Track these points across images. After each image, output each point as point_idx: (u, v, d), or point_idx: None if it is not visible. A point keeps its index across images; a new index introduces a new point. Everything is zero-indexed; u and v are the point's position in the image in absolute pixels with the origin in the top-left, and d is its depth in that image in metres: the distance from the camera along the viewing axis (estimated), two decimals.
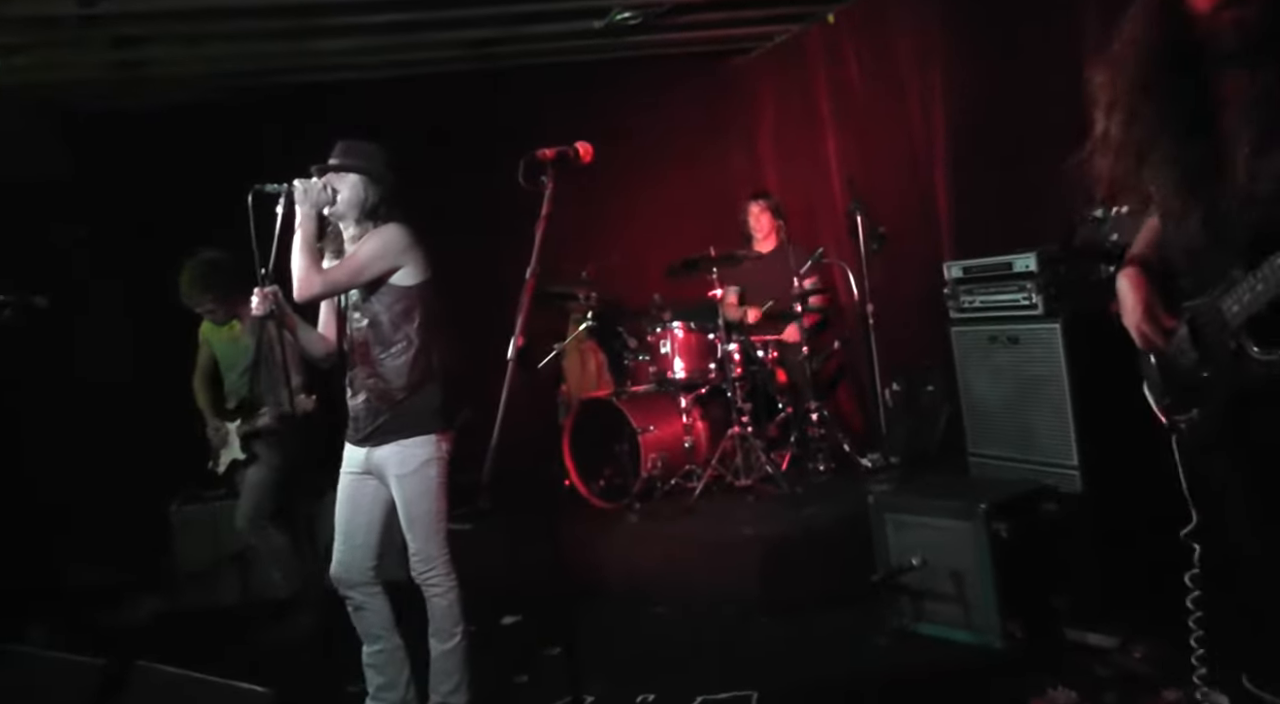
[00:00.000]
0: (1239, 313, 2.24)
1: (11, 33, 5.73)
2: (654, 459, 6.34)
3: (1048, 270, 4.82)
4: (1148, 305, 2.52)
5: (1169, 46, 2.31)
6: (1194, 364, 2.43)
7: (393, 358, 3.80)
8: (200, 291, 5.35)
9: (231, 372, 5.58)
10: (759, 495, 6.14)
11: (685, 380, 6.66)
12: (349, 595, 3.91)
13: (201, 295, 5.36)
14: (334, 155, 3.88)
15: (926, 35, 6.67)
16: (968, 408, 5.26)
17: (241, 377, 5.51)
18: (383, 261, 3.75)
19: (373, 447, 3.84)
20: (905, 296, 6.61)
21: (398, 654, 3.95)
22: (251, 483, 5.46)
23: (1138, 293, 2.53)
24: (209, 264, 5.35)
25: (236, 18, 6.01)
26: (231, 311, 5.45)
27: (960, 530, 4.18)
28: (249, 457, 5.45)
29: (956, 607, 4.19)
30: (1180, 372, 2.49)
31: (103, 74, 6.68)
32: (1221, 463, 2.50)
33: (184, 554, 6.05)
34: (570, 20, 6.91)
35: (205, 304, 5.41)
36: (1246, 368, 2.28)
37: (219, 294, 5.37)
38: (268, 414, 5.28)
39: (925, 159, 6.76)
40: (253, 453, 5.44)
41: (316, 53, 6.90)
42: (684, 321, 6.72)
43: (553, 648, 4.70)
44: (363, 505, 3.91)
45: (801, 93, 8.09)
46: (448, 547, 3.88)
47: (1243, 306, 2.23)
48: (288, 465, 5.42)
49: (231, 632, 5.43)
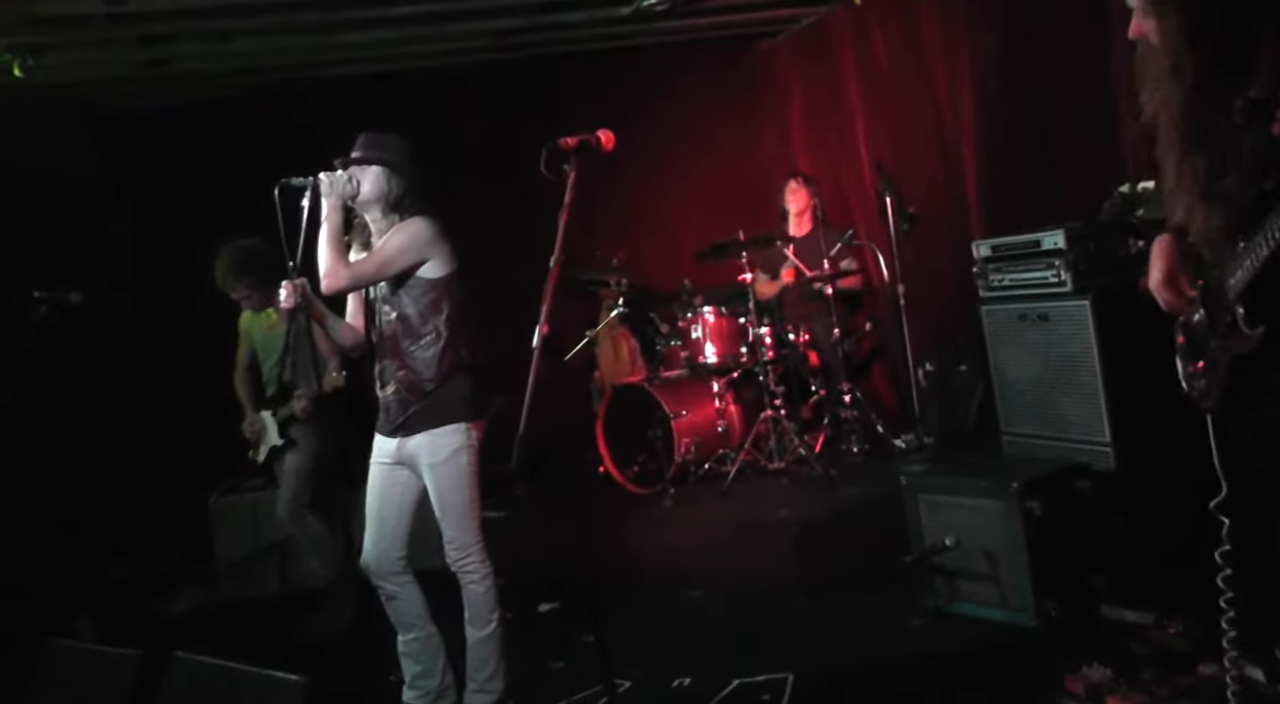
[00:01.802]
0: (1239, 280, 2.27)
1: (41, 32, 5.80)
2: (687, 444, 6.37)
3: (1076, 247, 4.79)
4: (1169, 271, 2.55)
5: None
6: (1205, 332, 2.46)
7: (422, 350, 3.82)
8: (235, 277, 5.40)
9: (269, 360, 5.64)
10: (793, 478, 6.16)
11: (717, 365, 6.68)
12: (381, 585, 3.92)
13: (236, 281, 5.41)
14: (356, 147, 3.89)
15: (953, 15, 6.64)
16: (999, 386, 5.24)
17: (277, 364, 5.57)
18: (409, 254, 3.77)
19: (404, 437, 3.86)
20: (936, 276, 6.60)
21: (432, 642, 3.97)
22: (290, 470, 5.51)
23: (1164, 259, 2.57)
24: (245, 250, 5.40)
25: (262, 13, 6.06)
26: (266, 298, 5.49)
27: (993, 509, 4.16)
28: (286, 442, 5.50)
29: (991, 586, 4.18)
30: (1197, 339, 2.52)
31: (131, 72, 6.76)
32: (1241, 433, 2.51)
33: (223, 545, 6.11)
34: (596, 8, 6.91)
35: (240, 290, 5.45)
36: (1240, 339, 2.31)
37: (253, 280, 5.41)
38: (304, 396, 5.33)
39: (953, 139, 6.74)
40: (290, 439, 5.49)
41: (341, 46, 6.94)
42: (714, 306, 6.74)
43: (589, 634, 4.73)
44: (393, 495, 3.92)
45: (829, 75, 8.06)
46: (482, 534, 3.90)
47: (1244, 271, 2.26)
48: (325, 452, 5.47)
49: (271, 622, 5.49)
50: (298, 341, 5.22)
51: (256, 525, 5.98)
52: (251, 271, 5.39)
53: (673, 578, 5.31)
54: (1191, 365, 2.58)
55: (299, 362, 5.26)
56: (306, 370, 5.28)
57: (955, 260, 6.01)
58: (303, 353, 5.13)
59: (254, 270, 5.39)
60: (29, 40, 5.87)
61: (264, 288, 5.42)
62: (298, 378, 5.37)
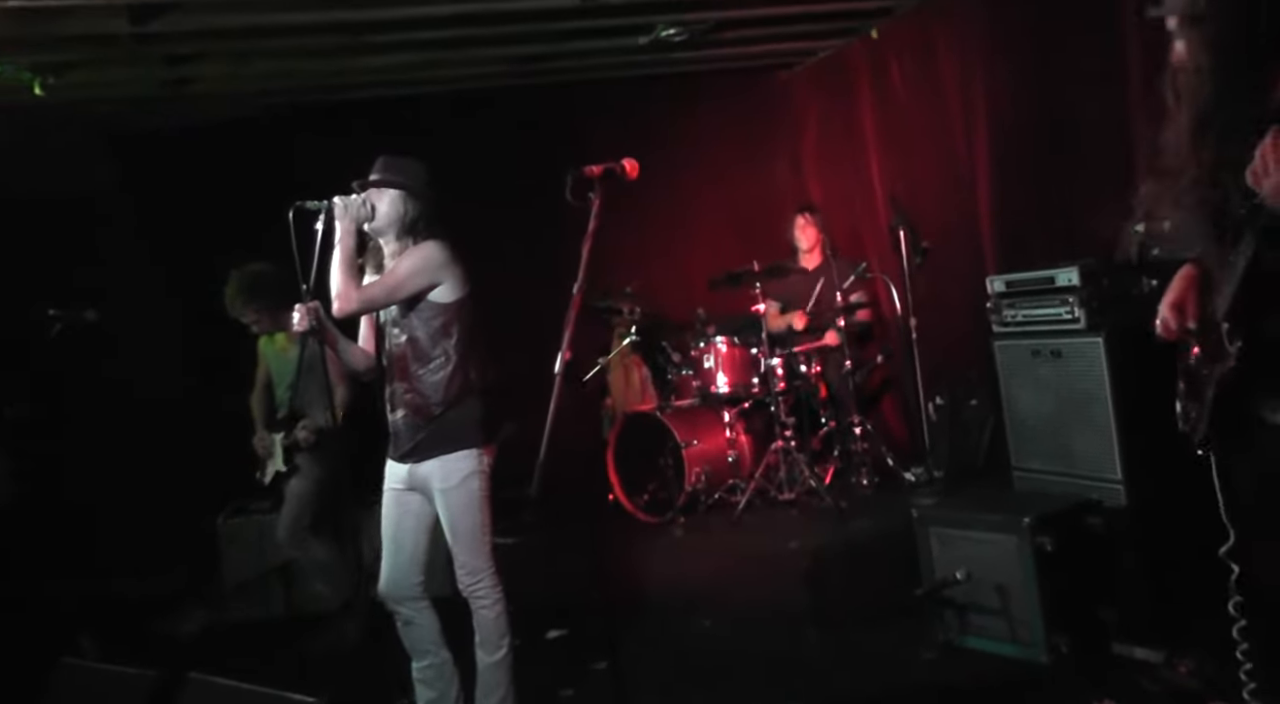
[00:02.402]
0: (1224, 298, 2.31)
1: (66, 50, 5.83)
2: (698, 473, 6.37)
3: (1090, 284, 4.82)
4: (1180, 296, 2.57)
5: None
6: (1199, 363, 2.50)
7: (431, 374, 3.82)
8: (244, 302, 5.42)
9: (281, 383, 5.65)
10: (803, 509, 6.16)
11: (729, 394, 6.70)
12: (397, 610, 3.92)
13: (245, 306, 5.43)
14: (374, 171, 3.90)
15: (969, 51, 6.68)
16: (1011, 422, 5.26)
17: (287, 389, 5.58)
18: (420, 278, 3.78)
19: (415, 463, 3.87)
20: (948, 310, 6.61)
21: (447, 668, 3.97)
22: (292, 494, 5.51)
23: (1180, 284, 2.59)
24: (255, 275, 5.42)
25: (285, 35, 6.10)
26: (276, 322, 5.50)
27: (1005, 544, 4.16)
28: (290, 468, 5.51)
29: (1002, 620, 4.18)
30: (1193, 375, 2.54)
31: (153, 91, 6.78)
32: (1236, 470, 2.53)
33: (230, 566, 6.12)
34: (615, 37, 6.96)
35: (248, 315, 5.47)
36: (1224, 359, 2.34)
37: (262, 305, 5.43)
38: (306, 427, 5.34)
39: (967, 174, 6.77)
40: (294, 464, 5.50)
41: (362, 69, 6.98)
42: (727, 335, 6.76)
43: (599, 662, 4.73)
44: (407, 521, 3.92)
45: (845, 107, 8.11)
46: (493, 559, 3.90)
47: (1228, 288, 2.30)
48: (329, 477, 5.46)
49: (278, 644, 5.48)
50: (310, 367, 5.24)
51: (264, 547, 5.98)
52: (261, 296, 5.41)
53: (682, 606, 5.30)
54: (1187, 405, 2.60)
55: (310, 388, 5.27)
56: (316, 397, 5.29)
57: (968, 295, 6.03)
58: (314, 379, 5.14)
59: (263, 295, 5.40)
60: (52, 59, 5.90)
61: (273, 312, 5.43)
62: (307, 404, 5.38)
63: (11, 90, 6.11)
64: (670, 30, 6.86)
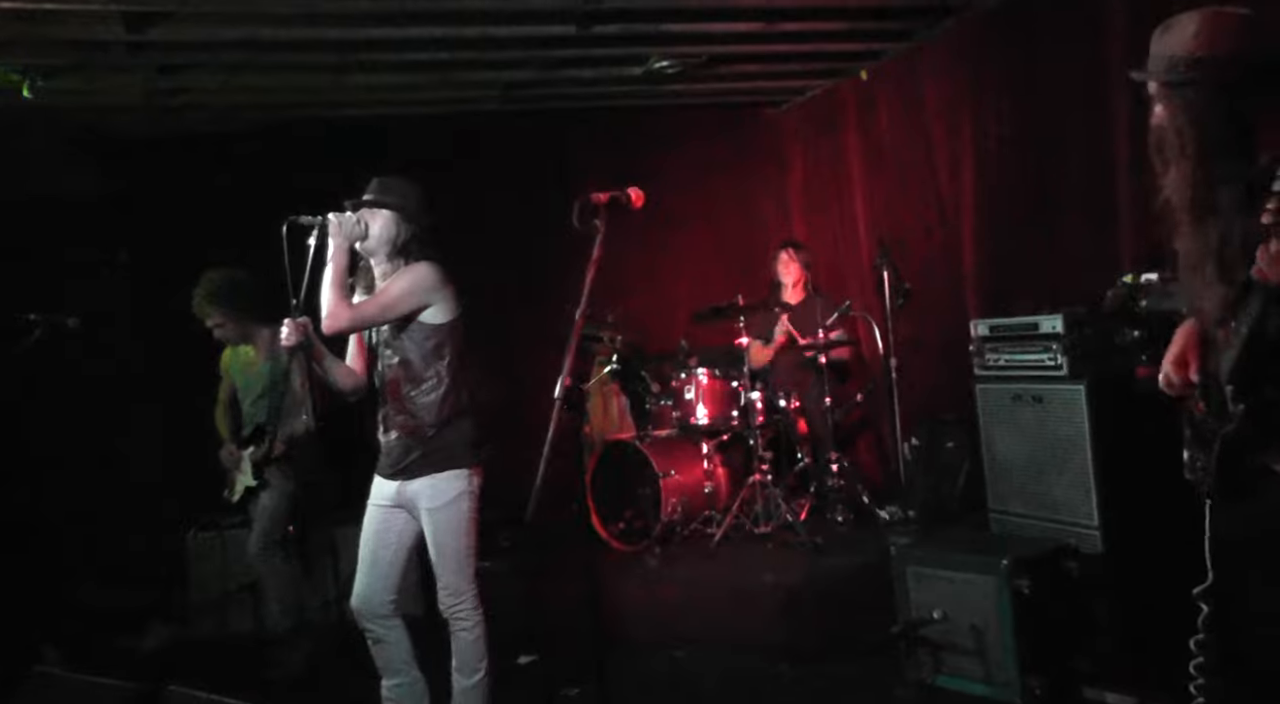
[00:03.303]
0: (1229, 359, 2.37)
1: (58, 55, 5.81)
2: (675, 503, 6.37)
3: (1074, 332, 4.87)
4: (1182, 352, 2.63)
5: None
6: (1205, 418, 2.55)
7: (424, 395, 3.82)
8: (211, 305, 5.30)
9: (247, 398, 5.57)
10: (778, 543, 6.17)
11: (708, 426, 6.71)
12: (368, 628, 3.89)
13: (212, 307, 5.31)
14: (369, 191, 3.91)
15: (957, 96, 6.76)
16: (990, 465, 5.29)
17: (255, 403, 5.50)
18: (412, 299, 3.78)
19: (405, 480, 3.86)
20: (929, 351, 6.66)
21: (417, 688, 3.94)
22: (261, 509, 5.42)
23: (1181, 340, 2.65)
24: (225, 279, 5.32)
25: (278, 50, 6.11)
26: (242, 333, 5.41)
27: (982, 585, 4.18)
28: (260, 483, 5.44)
29: (976, 661, 4.19)
30: (1198, 428, 2.59)
31: (144, 100, 6.76)
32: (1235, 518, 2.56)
33: (198, 581, 6.05)
34: (609, 66, 7.02)
35: (214, 318, 5.34)
36: (1228, 419, 2.40)
37: (229, 311, 5.32)
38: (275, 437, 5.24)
39: (953, 217, 6.84)
40: (264, 479, 5.43)
41: (352, 88, 7.00)
42: (709, 367, 6.78)
43: (570, 689, 4.71)
44: (389, 538, 3.90)
45: (832, 146, 8.18)
46: (476, 582, 3.89)
47: (1232, 351, 2.36)
48: (300, 493, 5.40)
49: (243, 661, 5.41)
50: (277, 383, 5.19)
51: (227, 563, 5.92)
52: (228, 302, 5.30)
53: (656, 636, 5.28)
54: (1194, 453, 2.63)
55: (278, 403, 5.21)
56: (288, 413, 5.24)
57: (949, 337, 6.08)
58: (283, 395, 5.10)
59: (231, 301, 5.30)
60: (43, 62, 5.87)
61: (239, 320, 5.34)
62: (274, 419, 5.30)
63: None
64: (664, 63, 6.92)
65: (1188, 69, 2.40)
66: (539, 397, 7.15)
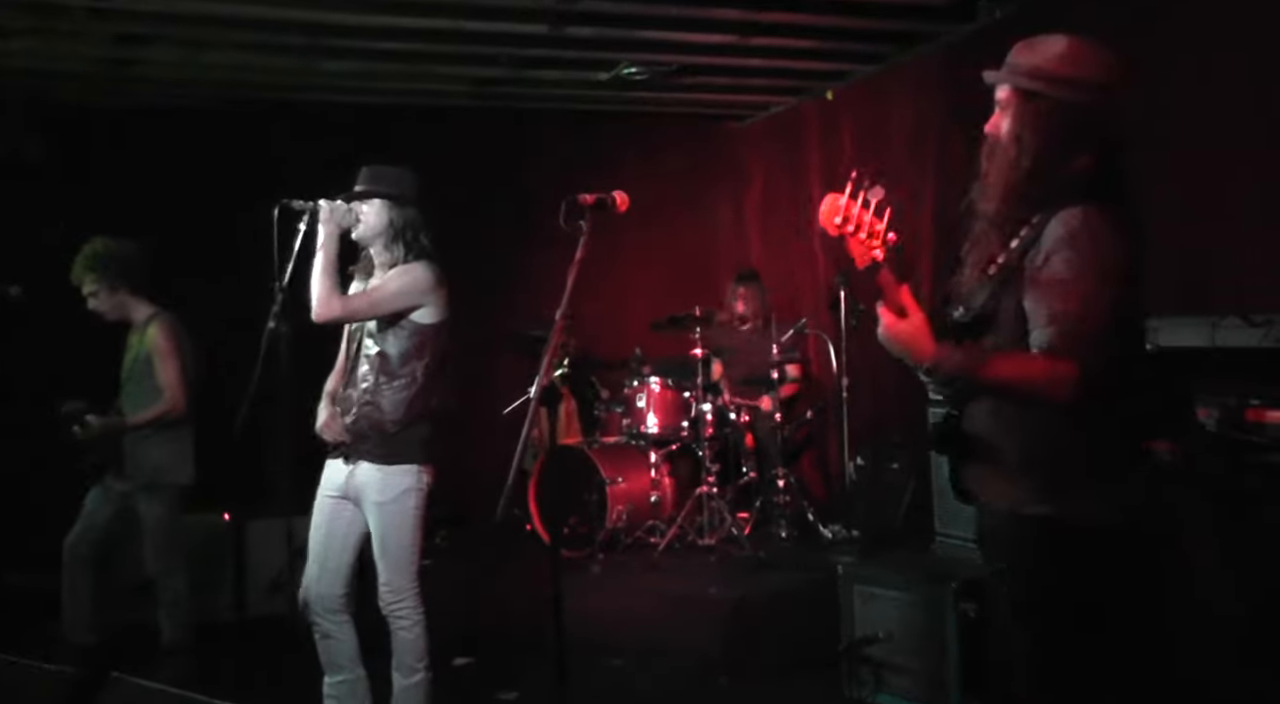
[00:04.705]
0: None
1: (9, 15, 5.64)
2: (620, 511, 6.34)
3: None
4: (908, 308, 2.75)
5: None
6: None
7: (394, 391, 3.77)
8: (85, 272, 5.01)
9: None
10: (721, 556, 6.16)
11: (658, 435, 6.69)
12: (317, 622, 3.81)
13: (85, 275, 5.01)
14: (360, 180, 3.87)
15: (922, 122, 6.80)
16: (938, 489, 5.31)
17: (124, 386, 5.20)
18: (405, 298, 3.75)
19: (354, 465, 3.79)
20: (880, 372, 6.68)
21: (360, 686, 3.87)
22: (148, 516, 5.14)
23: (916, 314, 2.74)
24: (106, 248, 5.03)
25: (244, 28, 6.00)
26: (114, 304, 5.08)
27: (928, 606, 4.20)
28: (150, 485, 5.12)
29: (918, 681, 4.20)
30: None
31: (97, 68, 6.62)
32: None
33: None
34: (577, 69, 7.00)
35: (88, 286, 5.03)
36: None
37: (99, 279, 5.01)
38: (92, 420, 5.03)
39: (910, 243, 6.87)
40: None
41: (316, 72, 6.90)
42: (662, 377, 6.76)
43: (507, 693, 4.66)
44: (338, 529, 3.84)
45: (792, 164, 8.21)
46: (418, 580, 3.84)
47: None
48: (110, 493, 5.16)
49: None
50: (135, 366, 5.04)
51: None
52: (102, 271, 5.01)
53: (595, 644, 5.22)
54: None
55: (133, 390, 5.07)
56: (133, 401, 5.06)
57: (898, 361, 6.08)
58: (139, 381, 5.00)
59: (105, 271, 5.01)
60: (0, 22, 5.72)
61: (112, 292, 5.05)
62: (129, 405, 5.09)
63: None
64: (632, 69, 6.91)
65: (1048, 84, 2.51)
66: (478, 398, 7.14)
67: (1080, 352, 2.34)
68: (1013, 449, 2.53)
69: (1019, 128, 2.57)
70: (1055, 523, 2.46)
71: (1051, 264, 2.40)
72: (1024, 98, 2.57)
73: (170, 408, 4.99)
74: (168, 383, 4.97)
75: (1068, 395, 2.34)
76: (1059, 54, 2.53)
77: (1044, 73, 2.53)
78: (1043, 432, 2.48)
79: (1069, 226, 2.40)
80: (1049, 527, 2.47)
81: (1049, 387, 2.36)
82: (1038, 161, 2.51)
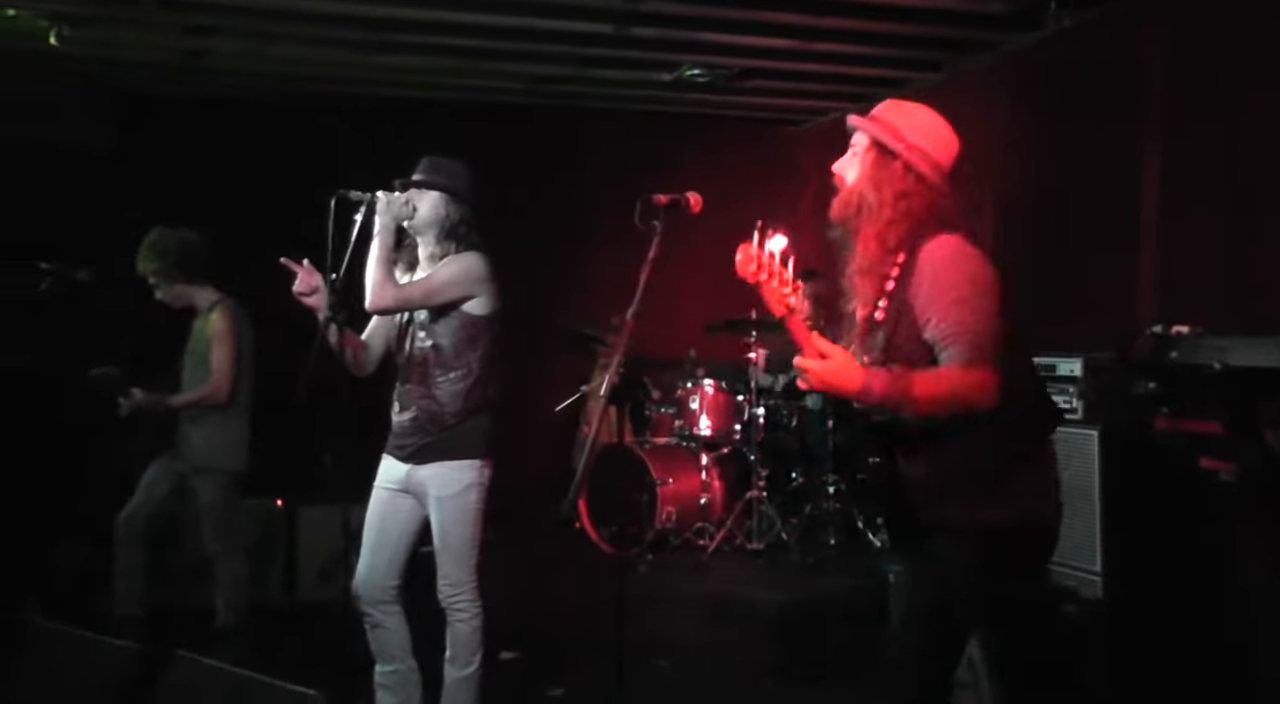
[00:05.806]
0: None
1: (81, 4, 5.73)
2: (670, 512, 6.34)
3: (1092, 377, 4.85)
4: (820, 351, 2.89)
5: None
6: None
7: (450, 383, 3.79)
8: (146, 262, 5.10)
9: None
10: (770, 560, 6.14)
11: (709, 438, 6.68)
12: (368, 612, 3.85)
13: (146, 264, 5.10)
14: (418, 170, 3.89)
15: (983, 133, 6.72)
16: None
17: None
18: (458, 288, 3.77)
19: (416, 465, 3.82)
20: None
21: (412, 676, 3.91)
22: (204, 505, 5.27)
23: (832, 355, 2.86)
24: (168, 238, 5.12)
25: (309, 22, 6.07)
26: (178, 295, 5.19)
27: None
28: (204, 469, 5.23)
29: (971, 694, 4.17)
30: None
31: (166, 58, 6.71)
32: None
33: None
34: (640, 69, 7.01)
35: (150, 275, 5.13)
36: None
37: (158, 269, 5.09)
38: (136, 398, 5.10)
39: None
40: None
41: (376, 67, 6.96)
42: (715, 380, 6.75)
43: (554, 689, 4.68)
44: (394, 522, 3.88)
45: None
46: (476, 574, 3.87)
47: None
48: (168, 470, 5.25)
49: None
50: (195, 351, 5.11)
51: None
52: (161, 261, 5.09)
53: (642, 644, 5.23)
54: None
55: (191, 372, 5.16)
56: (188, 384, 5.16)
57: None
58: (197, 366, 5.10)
59: (164, 261, 5.09)
60: (71, 10, 5.80)
61: (172, 281, 5.14)
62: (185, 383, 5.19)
63: (27, 37, 6.02)
64: (695, 71, 6.91)
65: (907, 149, 2.81)
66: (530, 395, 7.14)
67: (990, 358, 2.52)
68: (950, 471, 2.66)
69: (877, 180, 2.83)
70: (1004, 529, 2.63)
71: (934, 289, 2.60)
72: (881, 152, 2.84)
73: (212, 392, 5.07)
74: (215, 367, 5.06)
75: (992, 399, 2.50)
76: (923, 125, 2.86)
77: (904, 138, 2.79)
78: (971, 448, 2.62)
79: (940, 254, 2.63)
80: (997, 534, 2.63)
81: (974, 392, 2.51)
82: (896, 209, 2.75)
